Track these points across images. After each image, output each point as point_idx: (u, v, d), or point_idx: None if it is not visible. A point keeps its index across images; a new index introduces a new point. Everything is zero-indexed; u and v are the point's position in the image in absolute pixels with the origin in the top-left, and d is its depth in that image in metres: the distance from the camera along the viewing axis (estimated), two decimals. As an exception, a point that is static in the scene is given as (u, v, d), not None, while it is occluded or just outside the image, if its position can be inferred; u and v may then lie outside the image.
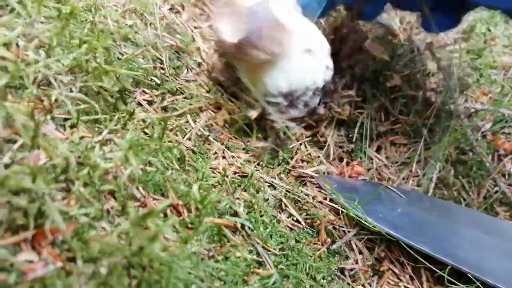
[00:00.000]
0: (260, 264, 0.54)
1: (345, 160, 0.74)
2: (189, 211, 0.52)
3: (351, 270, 0.62)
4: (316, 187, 0.69)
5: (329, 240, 0.63)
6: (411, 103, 0.80)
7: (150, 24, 0.78)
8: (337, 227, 0.65)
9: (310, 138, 0.75)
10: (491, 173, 0.76)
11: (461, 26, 1.02)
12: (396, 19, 0.96)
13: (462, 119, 0.79)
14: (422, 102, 0.80)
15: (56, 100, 0.51)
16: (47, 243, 0.39)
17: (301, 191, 0.67)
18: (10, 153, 0.43)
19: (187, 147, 0.64)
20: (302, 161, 0.72)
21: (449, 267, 0.60)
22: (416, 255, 0.62)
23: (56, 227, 0.39)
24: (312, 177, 0.69)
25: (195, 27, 0.84)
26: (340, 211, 0.66)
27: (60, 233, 0.39)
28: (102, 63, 0.56)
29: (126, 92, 0.63)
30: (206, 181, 0.58)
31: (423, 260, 0.61)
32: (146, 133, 0.60)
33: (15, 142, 0.45)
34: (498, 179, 0.76)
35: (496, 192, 0.76)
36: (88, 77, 0.56)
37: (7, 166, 0.42)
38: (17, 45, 0.52)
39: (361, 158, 0.75)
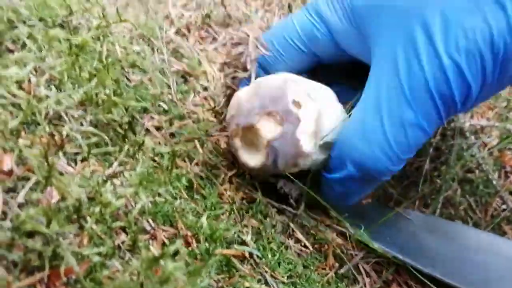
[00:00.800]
0: (269, 293, 0.54)
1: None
2: (198, 241, 0.53)
3: (360, 293, 0.63)
4: (323, 211, 0.70)
5: (337, 264, 0.64)
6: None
7: (157, 50, 0.80)
8: (345, 250, 0.66)
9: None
10: (498, 191, 0.76)
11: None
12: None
13: (467, 137, 0.79)
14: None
15: (67, 135, 0.52)
16: (61, 284, 0.40)
17: (309, 215, 0.67)
18: (24, 192, 0.45)
19: (195, 173, 0.65)
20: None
21: None
22: (423, 279, 0.62)
23: (70, 267, 0.40)
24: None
25: (201, 50, 0.86)
26: (347, 235, 0.66)
27: (74, 273, 0.40)
28: (111, 96, 0.57)
29: (135, 120, 0.65)
30: (214, 209, 0.59)
31: (430, 284, 0.62)
32: (155, 161, 0.62)
33: (28, 179, 0.46)
34: (506, 197, 0.77)
35: (504, 210, 0.76)
36: (98, 109, 0.57)
37: (21, 205, 0.44)
38: (29, 81, 0.54)
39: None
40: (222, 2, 0.91)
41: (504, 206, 0.77)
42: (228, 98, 0.70)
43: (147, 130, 0.68)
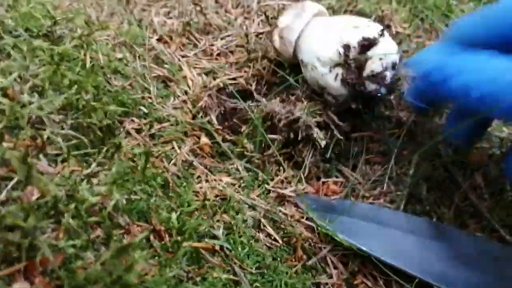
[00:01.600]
0: (237, 283, 0.59)
1: (321, 179, 0.79)
2: (171, 236, 0.58)
3: (326, 284, 0.67)
4: (294, 206, 0.74)
5: (305, 256, 0.68)
6: (385, 122, 0.85)
7: (139, 56, 0.84)
8: (313, 244, 0.70)
9: (288, 159, 0.80)
10: (461, 187, 0.80)
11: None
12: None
13: (434, 136, 0.83)
14: (395, 122, 0.84)
15: (48, 138, 0.57)
16: (38, 273, 0.44)
17: (280, 211, 0.72)
18: (6, 191, 0.49)
19: (172, 173, 0.70)
20: (282, 182, 0.77)
21: (417, 280, 0.65)
22: (386, 270, 0.67)
23: (46, 258, 0.44)
24: (290, 196, 0.74)
25: (182, 56, 0.90)
26: (316, 229, 0.71)
27: (50, 263, 0.44)
28: (90, 101, 0.62)
29: (115, 123, 0.69)
30: (188, 206, 0.63)
31: (393, 275, 0.66)
32: (134, 161, 0.66)
33: (11, 179, 0.51)
34: (469, 193, 0.81)
35: (467, 205, 0.81)
36: (79, 114, 0.62)
37: (3, 203, 0.48)
38: (13, 88, 0.58)
39: (336, 176, 0.80)
40: (202, 10, 0.95)
41: (468, 202, 0.81)
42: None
43: (128, 133, 0.73)
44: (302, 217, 0.72)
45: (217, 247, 0.60)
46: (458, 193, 0.80)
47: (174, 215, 0.56)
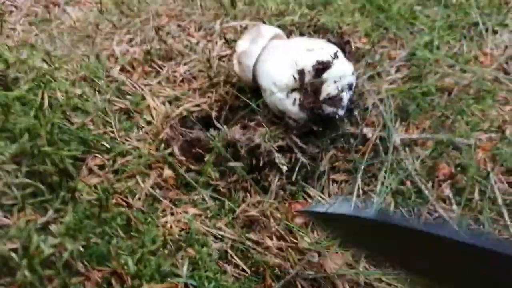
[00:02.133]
0: (203, 320, 0.59)
1: (287, 202, 0.79)
2: (133, 278, 0.57)
3: (297, 310, 0.67)
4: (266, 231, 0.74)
5: (273, 284, 0.68)
6: (350, 140, 0.85)
7: (99, 90, 0.84)
8: (283, 269, 0.70)
9: (256, 183, 0.80)
10: (429, 200, 0.81)
11: (403, 53, 1.08)
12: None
13: (399, 150, 0.84)
14: (360, 139, 0.85)
15: (1, 190, 0.56)
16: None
17: (247, 239, 0.72)
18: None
19: (136, 208, 0.69)
20: (248, 206, 0.77)
21: None
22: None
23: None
24: (259, 219, 0.74)
25: (145, 85, 0.90)
26: (285, 253, 0.71)
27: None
28: (45, 147, 0.61)
29: (75, 163, 0.68)
30: (153, 243, 0.63)
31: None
32: (95, 203, 0.65)
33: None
34: (437, 205, 0.81)
35: (436, 218, 0.81)
36: (34, 160, 0.61)
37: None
38: (-37, 140, 0.58)
39: (304, 198, 0.80)
40: (162, 37, 0.95)
41: (436, 214, 0.82)
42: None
43: (91, 170, 0.72)
44: (272, 245, 0.72)
45: (181, 286, 0.60)
46: (426, 206, 0.81)
47: (130, 261, 0.56)
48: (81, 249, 0.54)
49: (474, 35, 1.17)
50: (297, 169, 0.78)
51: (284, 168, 0.74)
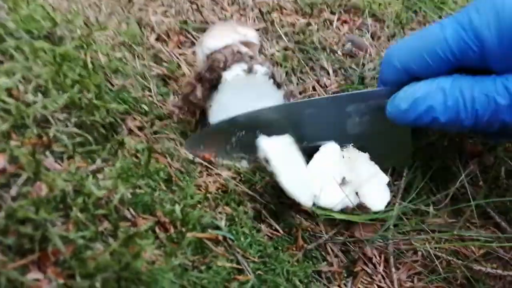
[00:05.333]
0: (240, 271, 0.61)
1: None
2: (175, 227, 0.59)
3: (327, 272, 0.69)
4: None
5: (306, 245, 0.70)
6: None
7: (138, 55, 0.86)
8: (313, 233, 0.72)
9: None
10: (457, 176, 0.82)
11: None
12: (367, 35, 1.03)
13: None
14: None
15: (54, 136, 0.59)
16: (50, 264, 0.46)
17: (280, 202, 0.73)
18: (16, 187, 0.51)
19: (175, 168, 0.71)
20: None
21: None
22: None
23: (58, 249, 0.46)
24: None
25: (180, 54, 0.91)
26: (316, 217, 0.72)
27: (61, 254, 0.46)
28: (93, 99, 0.63)
29: (118, 121, 0.71)
30: (191, 198, 0.65)
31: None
32: (137, 157, 0.68)
33: (20, 176, 0.53)
34: (465, 182, 0.83)
35: (463, 193, 0.83)
36: (82, 112, 0.64)
37: (13, 198, 0.50)
38: (17, 88, 0.60)
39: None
40: (198, 8, 0.97)
41: (463, 190, 0.83)
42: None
43: (130, 130, 0.74)
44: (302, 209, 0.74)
45: (220, 237, 0.62)
46: (454, 182, 0.82)
47: (177, 207, 0.58)
48: (129, 195, 0.56)
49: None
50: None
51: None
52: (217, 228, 0.63)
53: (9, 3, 0.71)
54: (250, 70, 0.75)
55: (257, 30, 0.97)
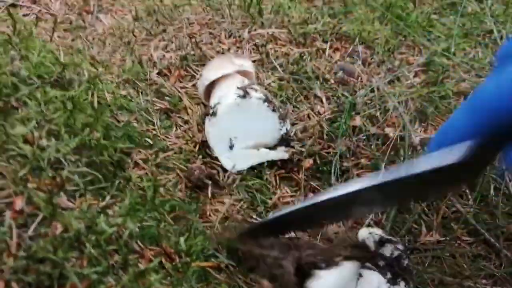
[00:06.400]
0: (243, 296, 0.65)
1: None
2: (180, 257, 0.64)
3: None
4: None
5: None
6: (372, 139, 0.92)
7: (141, 91, 0.91)
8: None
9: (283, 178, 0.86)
10: (447, 196, 0.86)
11: (421, 59, 1.14)
12: (359, 61, 1.08)
13: (418, 149, 0.90)
14: (382, 138, 0.91)
15: (66, 177, 0.64)
16: (68, 298, 0.51)
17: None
18: (33, 227, 0.56)
19: (179, 198, 0.76)
20: (279, 199, 0.83)
21: None
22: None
23: (75, 284, 0.51)
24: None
25: (181, 88, 0.97)
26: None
27: (77, 289, 0.51)
28: (101, 140, 0.69)
29: (124, 158, 0.76)
30: (196, 229, 0.70)
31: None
32: (143, 190, 0.73)
33: (36, 216, 0.58)
34: (455, 200, 0.87)
35: (454, 212, 0.87)
36: (91, 152, 0.69)
37: (31, 238, 0.55)
38: (32, 134, 0.65)
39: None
40: (197, 43, 1.03)
41: (453, 209, 0.87)
42: None
43: (136, 163, 0.80)
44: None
45: (222, 265, 0.67)
46: (445, 201, 0.87)
47: (182, 239, 0.63)
48: (137, 230, 0.61)
49: (489, 42, 1.23)
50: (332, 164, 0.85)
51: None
52: (219, 257, 0.68)
53: (22, 51, 0.77)
54: (245, 95, 0.80)
55: (254, 61, 1.03)
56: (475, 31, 1.27)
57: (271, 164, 0.85)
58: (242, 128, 0.83)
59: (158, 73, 1.00)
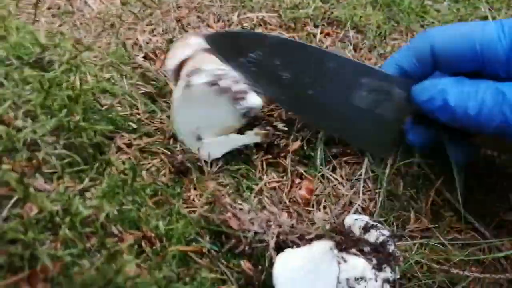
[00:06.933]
0: (224, 281, 0.64)
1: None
2: (161, 241, 0.63)
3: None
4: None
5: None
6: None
7: (126, 75, 0.89)
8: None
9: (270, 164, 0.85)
10: (435, 184, 0.85)
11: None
12: (350, 46, 1.06)
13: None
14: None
15: (43, 158, 0.62)
16: (40, 280, 0.49)
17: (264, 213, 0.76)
18: (7, 208, 0.54)
19: (163, 183, 0.75)
20: (265, 184, 0.82)
21: None
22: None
23: (46, 266, 0.49)
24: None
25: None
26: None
27: (50, 271, 0.49)
28: (80, 122, 0.67)
29: (105, 141, 0.74)
30: (178, 214, 0.68)
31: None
32: (125, 174, 0.71)
33: (11, 198, 0.56)
34: (443, 188, 0.86)
35: (442, 200, 0.86)
36: (70, 134, 0.67)
37: (4, 219, 0.53)
38: (8, 114, 0.63)
39: (315, 175, 0.84)
40: (184, 27, 1.01)
41: (443, 196, 0.86)
42: None
43: (119, 148, 0.78)
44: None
45: (205, 250, 0.65)
46: (433, 189, 0.85)
47: (161, 223, 0.61)
48: (116, 213, 0.60)
49: (482, 29, 1.21)
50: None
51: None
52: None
53: (0, 31, 0.74)
54: (188, 84, 0.74)
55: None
56: (470, 17, 1.25)
57: (257, 148, 0.84)
58: (200, 117, 0.78)
59: (144, 57, 0.98)
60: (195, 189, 0.77)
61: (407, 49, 0.70)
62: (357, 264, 0.67)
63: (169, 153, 0.79)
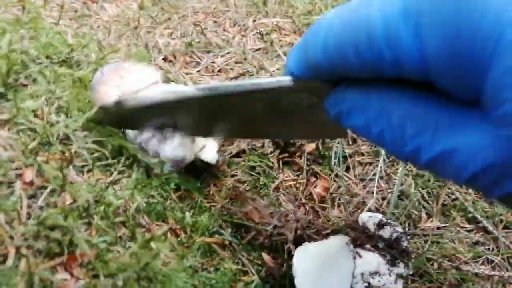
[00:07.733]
0: (245, 272, 0.66)
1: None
2: (185, 232, 0.65)
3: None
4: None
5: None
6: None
7: (147, 76, 0.93)
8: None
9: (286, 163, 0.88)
10: (446, 184, 0.88)
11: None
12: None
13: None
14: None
15: (75, 152, 0.65)
16: (76, 265, 0.52)
17: (282, 208, 0.79)
18: (43, 197, 0.57)
19: (184, 178, 0.77)
20: (281, 182, 0.85)
21: None
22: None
23: (84, 252, 0.52)
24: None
25: (187, 74, 0.98)
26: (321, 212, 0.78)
27: (86, 256, 0.52)
28: (109, 118, 0.70)
29: (130, 137, 0.77)
30: (200, 208, 0.71)
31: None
32: (150, 168, 0.74)
33: (46, 188, 0.59)
34: (454, 188, 0.89)
35: (453, 200, 0.88)
36: (98, 129, 0.70)
37: (40, 208, 0.56)
38: (42, 109, 0.66)
39: (329, 175, 0.87)
40: (202, 31, 1.04)
41: (453, 196, 0.89)
42: None
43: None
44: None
45: (226, 242, 0.68)
46: (444, 189, 0.88)
47: (187, 214, 0.64)
48: (144, 205, 0.63)
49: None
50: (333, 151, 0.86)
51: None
52: (223, 234, 0.69)
53: (31, 32, 0.78)
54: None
55: (258, 50, 1.04)
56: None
57: (274, 146, 0.86)
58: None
59: (163, 59, 1.01)
60: (214, 185, 0.80)
61: (298, 50, 0.41)
62: (372, 260, 0.69)
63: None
